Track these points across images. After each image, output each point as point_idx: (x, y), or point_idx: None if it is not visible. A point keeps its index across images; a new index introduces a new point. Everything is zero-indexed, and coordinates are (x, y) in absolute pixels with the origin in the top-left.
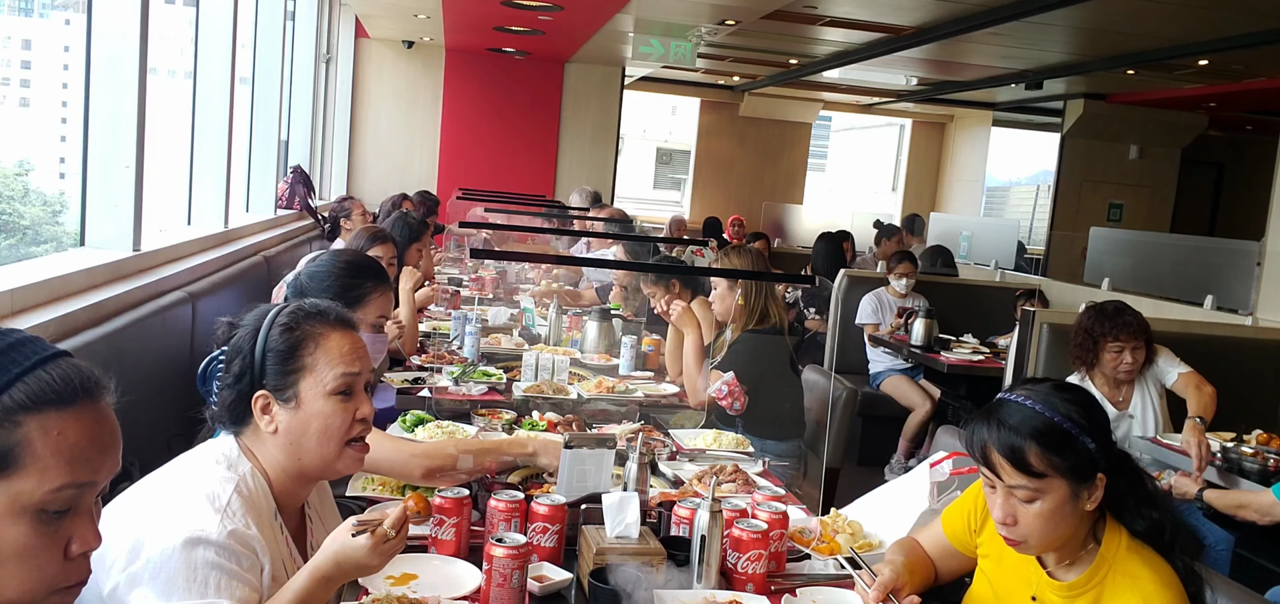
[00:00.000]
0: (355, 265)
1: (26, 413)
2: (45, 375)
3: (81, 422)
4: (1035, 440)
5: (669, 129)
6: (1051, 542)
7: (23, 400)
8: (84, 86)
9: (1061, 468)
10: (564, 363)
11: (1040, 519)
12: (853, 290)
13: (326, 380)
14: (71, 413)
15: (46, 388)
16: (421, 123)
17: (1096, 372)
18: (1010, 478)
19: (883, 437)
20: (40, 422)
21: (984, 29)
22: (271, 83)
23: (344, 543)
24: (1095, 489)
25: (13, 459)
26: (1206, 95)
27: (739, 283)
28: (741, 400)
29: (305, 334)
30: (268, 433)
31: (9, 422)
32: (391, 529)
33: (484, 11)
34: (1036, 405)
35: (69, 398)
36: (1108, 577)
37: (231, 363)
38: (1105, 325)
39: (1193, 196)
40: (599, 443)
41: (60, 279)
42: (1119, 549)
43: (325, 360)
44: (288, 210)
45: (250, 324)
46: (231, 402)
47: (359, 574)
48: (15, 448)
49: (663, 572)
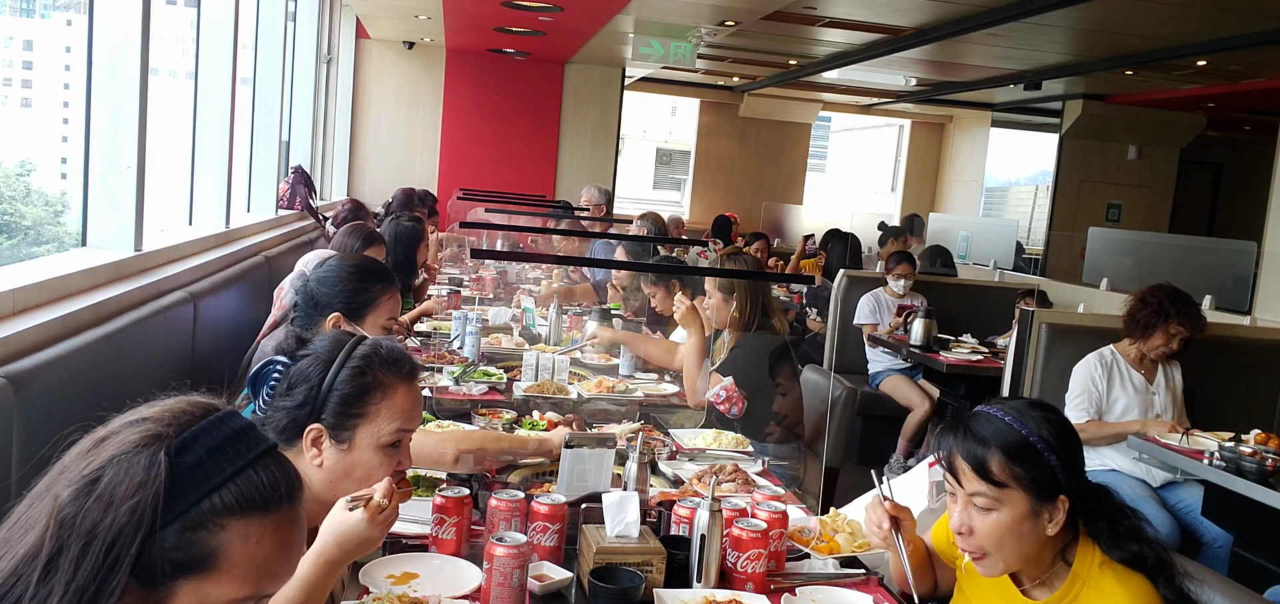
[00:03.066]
0: (365, 270)
1: (233, 516)
2: (256, 477)
3: (281, 530)
4: (1000, 450)
5: (669, 129)
6: (1009, 559)
7: (232, 503)
8: (86, 87)
9: (1023, 480)
10: (564, 363)
11: (996, 530)
12: (852, 290)
13: (384, 433)
14: (273, 520)
15: (256, 491)
16: (422, 123)
17: (1138, 345)
18: (970, 485)
19: (882, 436)
20: (243, 528)
21: (983, 30)
22: (273, 83)
23: (341, 521)
24: (1057, 511)
25: (211, 563)
26: (1205, 96)
27: (733, 295)
28: (739, 406)
29: (376, 382)
30: (311, 464)
31: (215, 523)
32: (383, 499)
33: (484, 12)
34: (1007, 418)
35: (274, 503)
36: (1080, 594)
37: (294, 387)
38: (1178, 309)
39: (1191, 197)
40: (599, 443)
41: (62, 279)
42: (1092, 568)
43: (388, 413)
44: (289, 210)
45: (323, 353)
46: (284, 424)
47: (361, 550)
48: (215, 552)
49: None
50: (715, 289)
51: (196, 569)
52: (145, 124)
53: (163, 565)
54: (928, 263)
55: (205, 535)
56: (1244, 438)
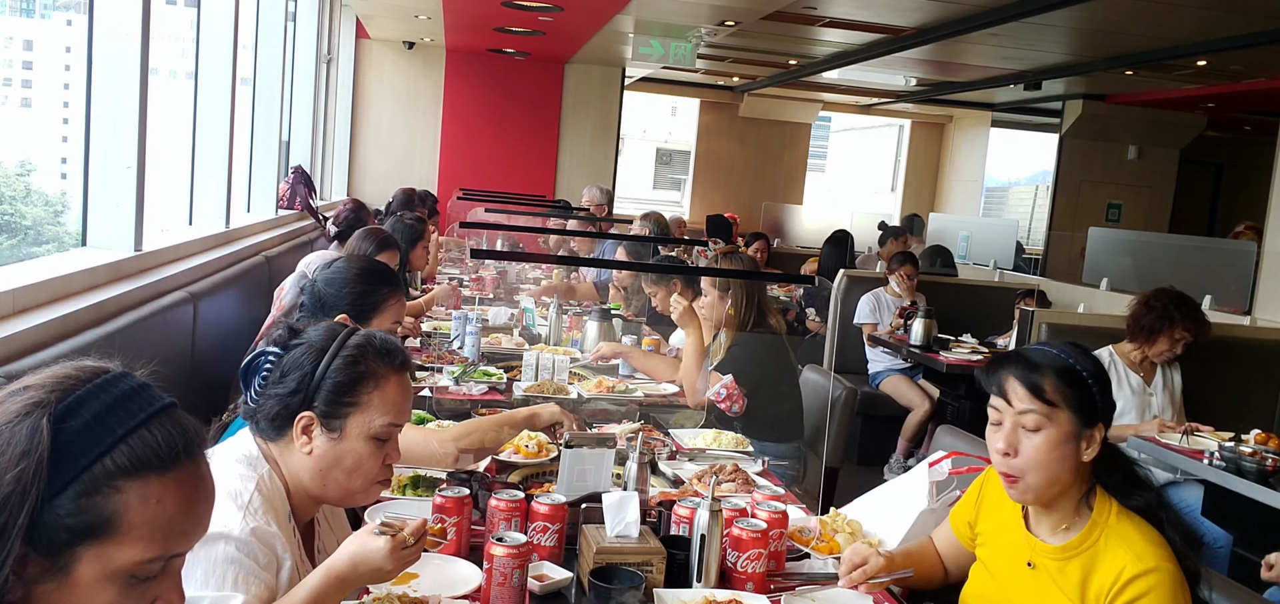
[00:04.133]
0: (372, 273)
1: (127, 477)
2: (149, 436)
3: (182, 488)
4: (1053, 372)
5: (669, 129)
6: (1042, 483)
7: (125, 465)
8: (86, 87)
9: (1071, 401)
10: (564, 363)
11: (1041, 450)
12: (852, 290)
13: (375, 424)
14: (172, 478)
15: (150, 451)
16: (422, 123)
17: (1142, 349)
18: (1021, 404)
19: (882, 436)
20: (140, 488)
21: (983, 30)
22: (273, 83)
23: (363, 543)
24: (1094, 438)
25: (110, 527)
26: (1205, 96)
27: (729, 294)
28: (740, 403)
29: (369, 372)
30: (301, 452)
31: (109, 486)
32: (411, 536)
33: (484, 12)
34: (1056, 349)
35: (171, 461)
36: (1100, 538)
37: (287, 375)
38: (1183, 314)
39: (1191, 197)
40: (599, 443)
41: (62, 279)
42: (1110, 515)
43: (380, 404)
44: (289, 210)
45: (315, 342)
46: (276, 412)
47: (373, 579)
48: (113, 515)
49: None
50: (711, 288)
51: (97, 534)
52: (145, 124)
53: (60, 533)
54: (928, 263)
55: (101, 500)
56: (1244, 438)
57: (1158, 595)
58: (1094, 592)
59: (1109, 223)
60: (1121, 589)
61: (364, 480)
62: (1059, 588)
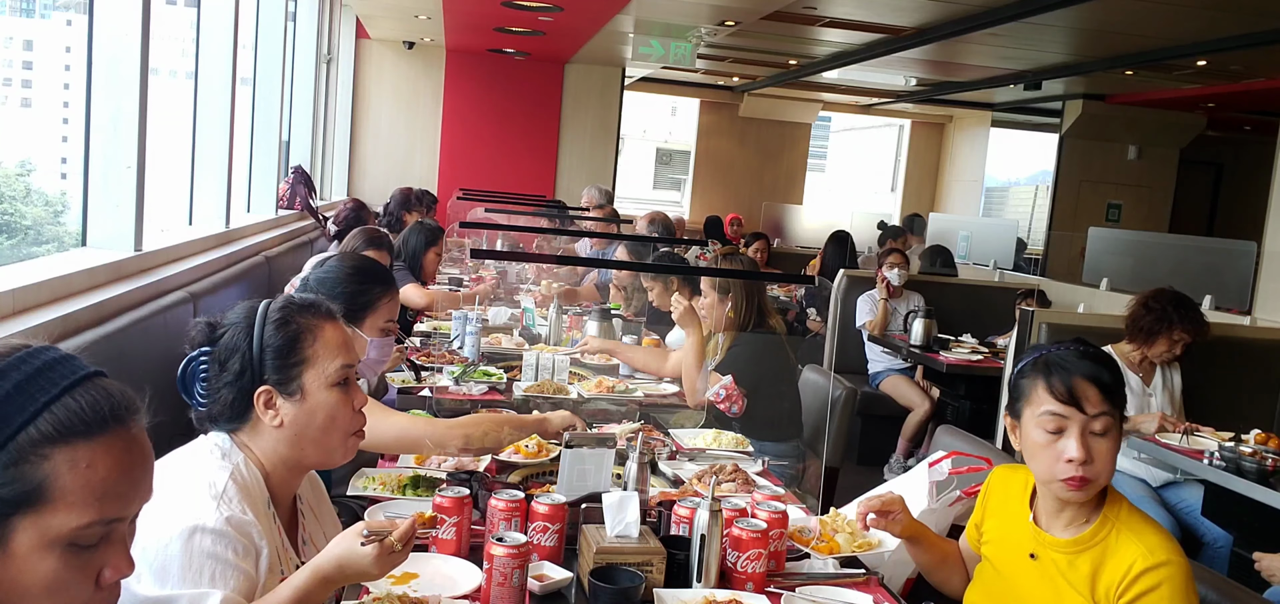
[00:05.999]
0: (364, 271)
1: (53, 445)
2: (73, 403)
3: (112, 453)
4: (1111, 372)
5: (669, 129)
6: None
7: (50, 431)
8: (85, 87)
9: (1121, 403)
10: (564, 363)
11: (1111, 452)
12: (852, 290)
13: (329, 372)
14: (101, 443)
15: (75, 417)
16: (422, 123)
17: (1141, 349)
18: (1095, 407)
19: (882, 436)
20: (68, 454)
21: (983, 30)
22: (272, 83)
23: (349, 548)
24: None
25: (41, 494)
26: (1205, 95)
27: (728, 296)
28: (739, 404)
29: (302, 327)
30: (271, 427)
31: (36, 454)
32: (398, 543)
33: (484, 12)
34: (1092, 348)
35: (98, 426)
36: (1111, 533)
37: (227, 361)
38: (1182, 315)
39: (1191, 196)
40: (599, 443)
41: (61, 279)
42: (1121, 510)
43: (325, 353)
44: (289, 210)
45: (239, 322)
46: (232, 400)
47: (360, 580)
48: (43, 483)
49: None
50: (710, 289)
51: (30, 503)
52: (145, 124)
53: None
54: (928, 263)
55: (28, 469)
56: (1244, 438)
57: (1169, 589)
58: (1104, 586)
59: (1109, 223)
60: (1132, 582)
61: (340, 433)
62: (1068, 582)
